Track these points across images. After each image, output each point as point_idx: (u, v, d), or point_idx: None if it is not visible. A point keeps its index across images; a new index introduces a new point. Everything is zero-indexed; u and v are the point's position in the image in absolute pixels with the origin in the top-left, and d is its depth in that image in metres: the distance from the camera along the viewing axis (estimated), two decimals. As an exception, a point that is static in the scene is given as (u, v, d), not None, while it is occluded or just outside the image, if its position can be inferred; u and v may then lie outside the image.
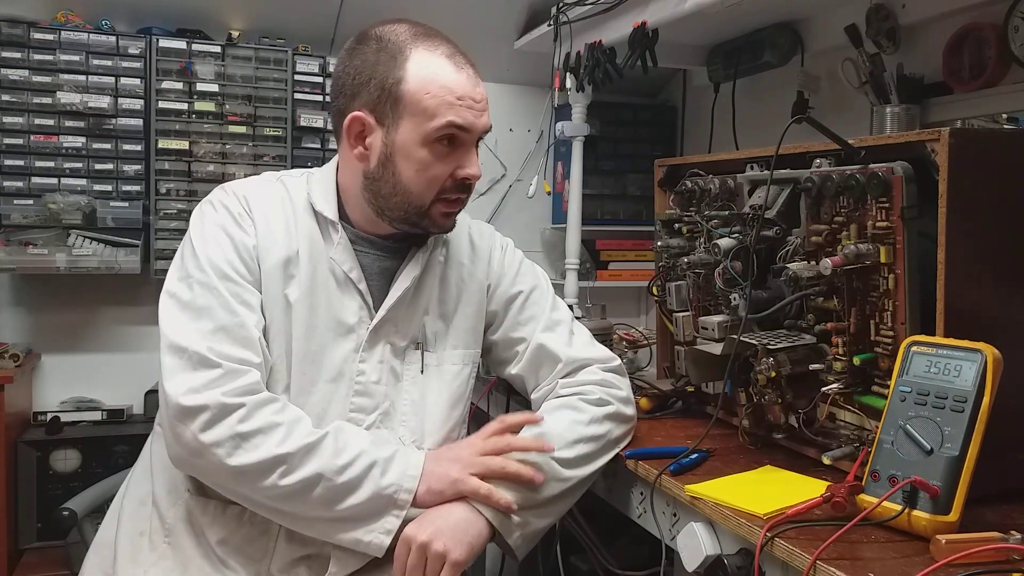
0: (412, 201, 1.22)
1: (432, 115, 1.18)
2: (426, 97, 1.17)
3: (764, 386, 1.19)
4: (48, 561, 2.12)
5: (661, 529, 1.21)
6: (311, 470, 1.10)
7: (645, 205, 2.63)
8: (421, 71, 1.18)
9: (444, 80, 1.18)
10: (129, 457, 1.80)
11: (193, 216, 1.26)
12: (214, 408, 1.09)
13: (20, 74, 2.15)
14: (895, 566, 0.88)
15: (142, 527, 1.22)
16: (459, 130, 1.19)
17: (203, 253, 1.19)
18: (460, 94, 1.19)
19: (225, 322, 1.15)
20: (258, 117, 2.34)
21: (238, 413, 1.10)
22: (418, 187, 1.21)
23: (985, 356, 0.95)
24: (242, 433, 1.09)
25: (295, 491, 1.10)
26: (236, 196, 1.25)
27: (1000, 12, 1.53)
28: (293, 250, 1.24)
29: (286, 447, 1.10)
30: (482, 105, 1.23)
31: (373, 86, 1.19)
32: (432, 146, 1.19)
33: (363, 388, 1.25)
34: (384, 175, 1.22)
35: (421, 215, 1.24)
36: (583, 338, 1.40)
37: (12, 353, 2.12)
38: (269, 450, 1.09)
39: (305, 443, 1.11)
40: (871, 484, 0.98)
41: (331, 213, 1.27)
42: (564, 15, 2.07)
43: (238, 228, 1.22)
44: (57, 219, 2.17)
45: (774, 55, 2.02)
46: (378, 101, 1.19)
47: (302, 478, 1.10)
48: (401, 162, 1.20)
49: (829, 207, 1.19)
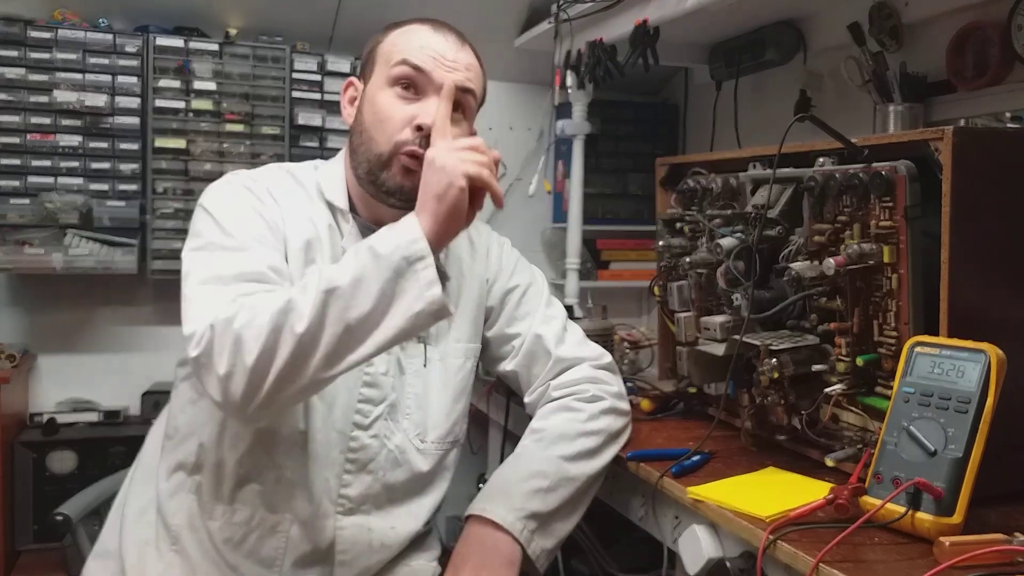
0: (372, 149, 1.19)
1: (392, 58, 1.21)
2: (394, 47, 1.22)
3: (767, 387, 1.18)
4: (44, 563, 2.10)
5: (662, 531, 1.21)
6: (310, 300, 0.98)
7: (646, 204, 2.62)
8: (400, 32, 1.24)
9: (416, 35, 1.22)
10: (126, 458, 1.79)
11: (207, 195, 1.19)
12: (238, 318, 0.99)
13: (16, 72, 2.14)
14: (899, 568, 0.87)
15: (146, 536, 1.20)
16: (416, 72, 1.18)
17: (229, 221, 1.13)
18: (425, 45, 1.20)
19: (256, 271, 1.08)
20: (256, 116, 2.33)
21: (220, 325, 0.99)
22: (377, 132, 1.19)
23: (989, 357, 0.94)
24: (234, 336, 0.98)
25: (314, 327, 0.97)
26: (252, 179, 1.22)
27: (1004, 10, 1.52)
28: (312, 234, 1.22)
29: (271, 308, 0.98)
30: (453, 64, 1.20)
31: (366, 55, 1.26)
32: (392, 90, 1.20)
33: (372, 379, 1.24)
34: (355, 127, 1.24)
35: (382, 166, 1.19)
36: (575, 336, 1.39)
37: (8, 354, 2.11)
38: (261, 326, 0.97)
39: (285, 296, 0.99)
40: (874, 486, 0.97)
41: (342, 203, 1.26)
42: (565, 13, 2.07)
43: (261, 204, 1.19)
44: (53, 218, 2.16)
45: (776, 53, 2.02)
46: (364, 64, 1.26)
47: (310, 310, 0.97)
48: (367, 109, 1.22)
49: (832, 206, 1.19)
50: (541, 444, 1.24)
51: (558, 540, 1.20)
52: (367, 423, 1.23)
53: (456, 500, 1.37)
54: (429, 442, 1.28)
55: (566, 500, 1.19)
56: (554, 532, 1.19)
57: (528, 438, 1.27)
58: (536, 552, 1.16)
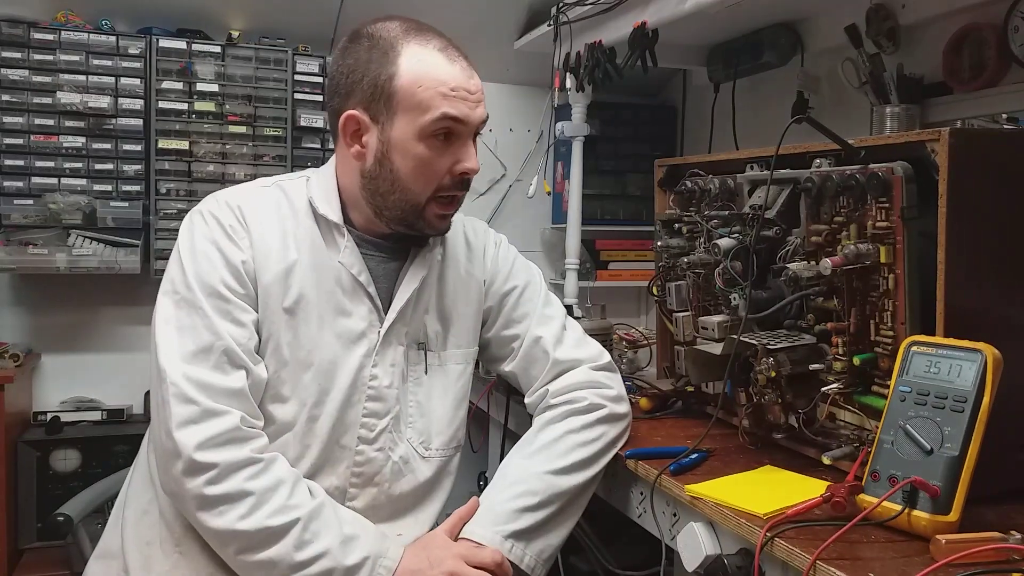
0: (409, 199, 1.20)
1: (426, 108, 1.16)
2: (419, 91, 1.16)
3: (764, 386, 1.19)
4: (48, 561, 2.11)
5: (661, 529, 1.21)
6: (267, 556, 1.07)
7: (645, 205, 2.63)
8: (413, 65, 1.16)
9: (437, 73, 1.17)
10: (129, 457, 1.80)
11: (182, 227, 1.21)
12: (186, 461, 1.07)
13: (20, 74, 2.15)
14: (895, 566, 0.88)
15: (149, 536, 1.20)
16: (454, 122, 1.17)
17: (191, 268, 1.16)
18: (454, 85, 1.17)
19: (207, 343, 1.12)
20: (258, 117, 2.34)
21: (208, 474, 1.07)
22: (416, 183, 1.19)
23: (985, 356, 0.95)
24: (208, 496, 1.07)
25: (250, 568, 1.09)
26: (229, 207, 1.21)
27: (1000, 12, 1.53)
28: (293, 259, 1.21)
29: (247, 524, 1.06)
30: (477, 96, 1.20)
31: (366, 84, 1.18)
32: (428, 140, 1.17)
33: (376, 393, 1.24)
34: (381, 173, 1.20)
35: (417, 215, 1.22)
36: (574, 336, 1.39)
37: (12, 353, 2.12)
38: (230, 522, 1.07)
39: (267, 525, 1.07)
40: (871, 484, 0.98)
41: (335, 216, 1.24)
42: (564, 15, 2.07)
43: (230, 243, 1.18)
44: (57, 219, 2.17)
45: (774, 55, 2.02)
46: (372, 99, 1.18)
47: (257, 560, 1.07)
48: (398, 159, 1.18)
49: (829, 207, 1.19)
50: (532, 460, 1.24)
51: (555, 544, 1.21)
52: (372, 437, 1.23)
53: (457, 499, 1.38)
54: (433, 449, 1.29)
55: (557, 511, 1.21)
56: (548, 539, 1.20)
57: (516, 454, 1.27)
58: (531, 564, 1.18)
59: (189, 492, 1.08)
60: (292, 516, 1.09)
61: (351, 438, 1.22)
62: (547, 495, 1.20)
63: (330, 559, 1.08)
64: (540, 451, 1.24)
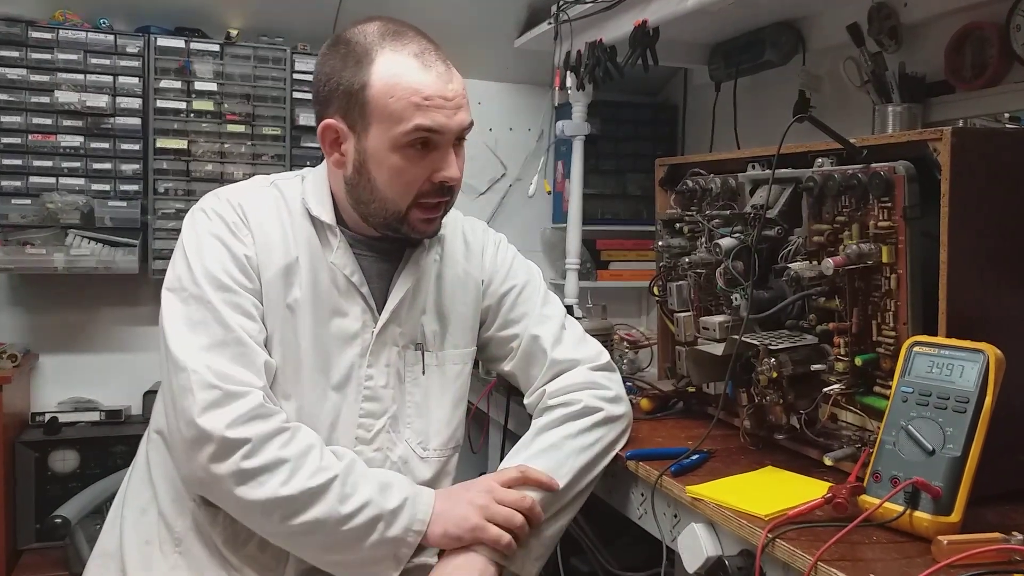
0: (389, 208, 1.19)
1: (399, 119, 1.13)
2: (391, 101, 1.13)
3: (765, 387, 1.18)
4: (47, 562, 2.11)
5: (662, 530, 1.21)
6: (314, 515, 1.08)
7: (646, 205, 2.62)
8: (385, 74, 1.14)
9: (409, 81, 1.13)
10: (127, 457, 1.79)
11: (185, 223, 1.21)
12: (218, 442, 1.07)
13: (18, 73, 2.15)
14: (897, 567, 0.88)
15: (148, 536, 1.20)
16: (430, 133, 1.15)
17: (197, 263, 1.16)
18: (428, 94, 1.14)
19: (220, 337, 1.13)
20: (257, 116, 2.33)
21: (243, 449, 1.07)
22: (393, 193, 1.18)
23: (987, 356, 0.94)
24: (246, 470, 1.07)
25: (298, 532, 1.09)
26: (231, 203, 1.20)
27: (1002, 11, 1.53)
28: (293, 257, 1.21)
29: (289, 489, 1.07)
30: (456, 103, 1.16)
31: (341, 93, 1.16)
32: (403, 151, 1.15)
33: (372, 393, 1.24)
34: (361, 182, 1.19)
35: (400, 221, 1.21)
36: (573, 336, 1.38)
37: (10, 353, 2.12)
38: (273, 490, 1.07)
39: (309, 487, 1.08)
40: (873, 485, 0.98)
41: (328, 217, 1.24)
42: (564, 13, 2.07)
43: (234, 238, 1.18)
44: (55, 219, 2.17)
45: (775, 54, 2.02)
46: (348, 108, 1.16)
47: (304, 522, 1.08)
48: (375, 168, 1.17)
49: (831, 207, 1.19)
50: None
51: (547, 545, 1.21)
52: (369, 437, 1.23)
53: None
54: (431, 450, 1.28)
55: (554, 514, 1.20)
56: (541, 540, 1.19)
57: (512, 459, 1.25)
58: (522, 566, 1.17)
59: (225, 471, 1.07)
60: (330, 474, 1.10)
61: (348, 438, 1.22)
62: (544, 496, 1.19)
63: (374, 507, 1.10)
64: (536, 457, 1.22)
